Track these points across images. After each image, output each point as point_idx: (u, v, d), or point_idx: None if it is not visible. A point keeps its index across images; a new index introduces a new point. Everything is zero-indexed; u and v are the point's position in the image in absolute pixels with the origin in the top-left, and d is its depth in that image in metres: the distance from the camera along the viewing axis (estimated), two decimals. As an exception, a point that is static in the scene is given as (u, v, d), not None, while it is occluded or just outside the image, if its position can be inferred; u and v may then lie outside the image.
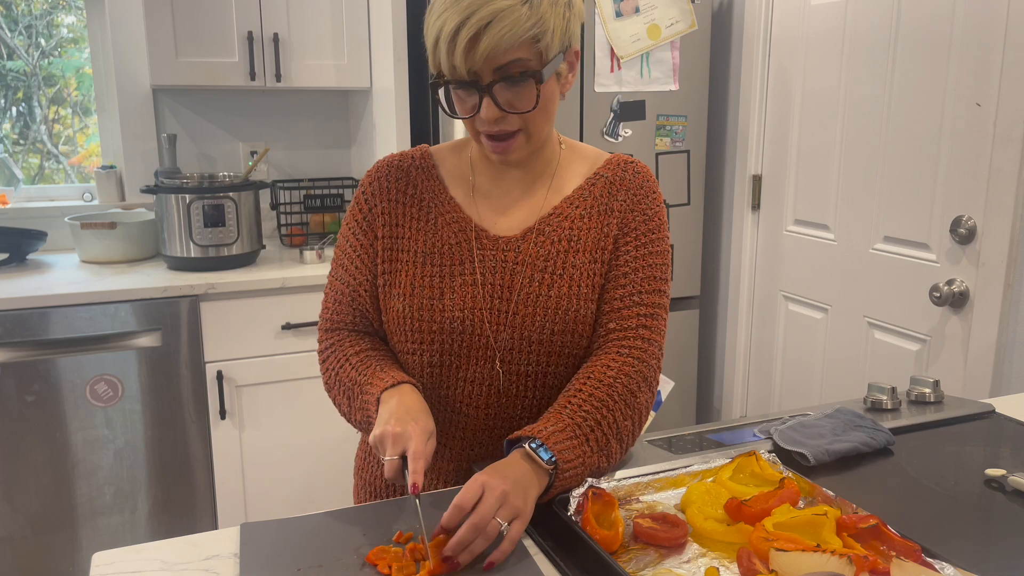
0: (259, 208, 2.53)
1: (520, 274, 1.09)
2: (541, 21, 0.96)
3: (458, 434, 1.13)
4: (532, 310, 1.08)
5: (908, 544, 0.82)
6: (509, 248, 1.10)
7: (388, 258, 1.13)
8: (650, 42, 2.46)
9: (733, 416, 2.75)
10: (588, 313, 1.09)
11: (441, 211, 1.13)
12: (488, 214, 1.13)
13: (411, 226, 1.13)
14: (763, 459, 1.01)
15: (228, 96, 2.83)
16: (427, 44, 0.99)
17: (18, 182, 2.80)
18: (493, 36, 0.94)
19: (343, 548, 0.89)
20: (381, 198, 1.14)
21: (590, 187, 1.13)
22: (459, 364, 1.10)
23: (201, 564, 0.88)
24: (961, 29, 1.84)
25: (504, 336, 1.08)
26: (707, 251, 2.79)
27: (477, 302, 1.08)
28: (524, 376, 1.10)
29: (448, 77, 0.98)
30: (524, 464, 0.94)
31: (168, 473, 2.31)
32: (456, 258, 1.10)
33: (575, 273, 1.09)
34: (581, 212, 1.12)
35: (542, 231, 1.11)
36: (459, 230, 1.11)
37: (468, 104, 1.01)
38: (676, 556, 0.87)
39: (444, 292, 1.09)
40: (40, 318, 2.11)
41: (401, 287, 1.11)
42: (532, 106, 1.01)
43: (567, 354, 1.10)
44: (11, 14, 2.73)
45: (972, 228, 1.85)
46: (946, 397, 1.32)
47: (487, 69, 0.97)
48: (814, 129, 2.31)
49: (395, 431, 0.96)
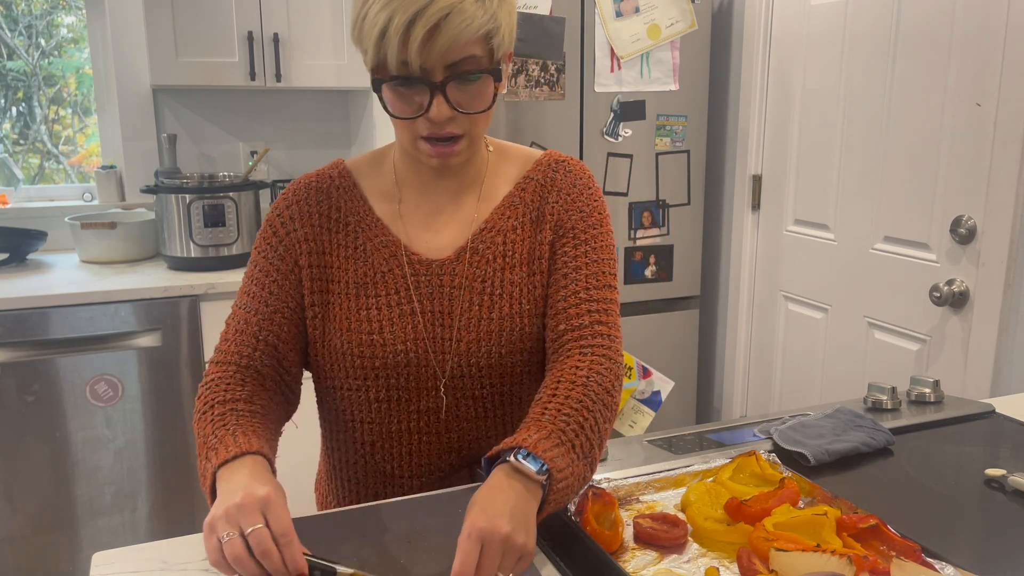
0: (259, 208, 2.53)
1: (458, 298, 1.03)
2: (494, 17, 0.91)
3: (421, 462, 1.07)
4: (476, 335, 1.02)
5: (908, 544, 0.82)
6: (444, 271, 1.04)
7: (317, 288, 1.04)
8: (650, 42, 2.46)
9: (733, 416, 2.75)
10: (534, 329, 1.04)
11: (369, 235, 1.05)
12: (417, 232, 1.06)
13: (339, 253, 1.04)
14: (763, 459, 1.01)
15: (228, 96, 2.83)
16: (366, 37, 0.91)
17: (18, 182, 2.80)
18: (451, 30, 0.87)
19: (341, 548, 0.89)
20: (302, 223, 1.05)
21: (520, 192, 1.07)
22: (407, 397, 1.04)
23: (201, 564, 0.88)
24: (961, 29, 1.84)
25: (451, 364, 1.03)
26: (707, 251, 2.79)
27: (419, 332, 1.02)
28: (478, 400, 1.05)
29: (395, 73, 0.91)
30: (513, 482, 0.82)
31: (168, 473, 2.31)
32: (390, 286, 1.03)
33: (514, 291, 1.04)
34: (513, 223, 1.06)
35: (476, 249, 1.05)
36: (390, 255, 1.04)
37: (414, 104, 0.93)
38: (676, 556, 0.87)
39: (383, 325, 1.02)
40: (40, 318, 2.11)
41: (337, 321, 1.03)
42: (487, 106, 0.95)
43: (518, 372, 1.05)
44: (11, 14, 2.73)
45: (972, 228, 1.85)
46: (946, 397, 1.32)
47: (439, 66, 0.90)
48: (814, 129, 2.31)
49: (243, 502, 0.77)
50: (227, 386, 0.98)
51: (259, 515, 0.77)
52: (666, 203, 2.58)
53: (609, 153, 2.47)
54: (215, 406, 0.95)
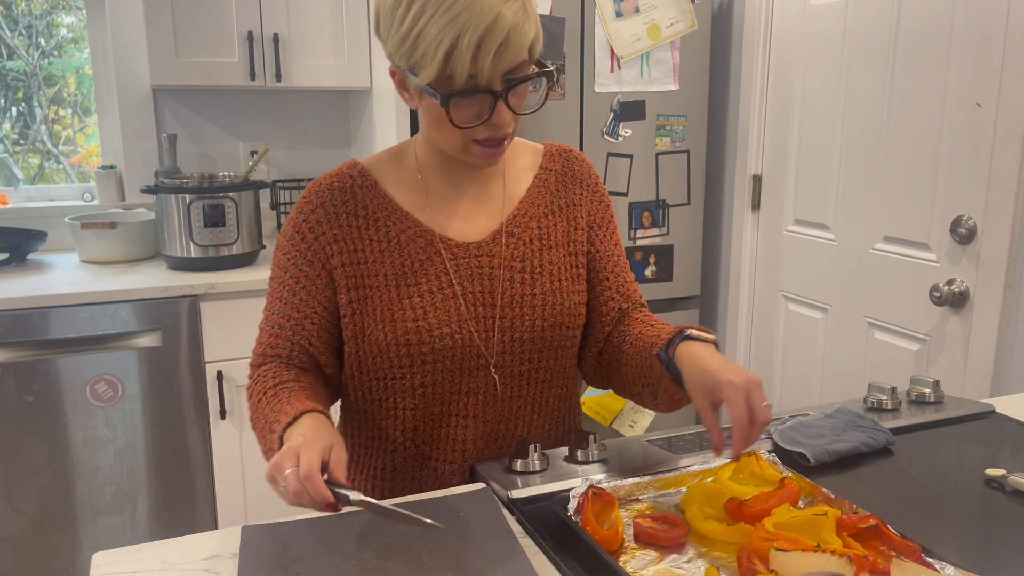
0: (259, 208, 2.53)
1: (499, 278, 1.08)
2: (536, 24, 0.98)
3: (458, 447, 1.11)
4: (519, 311, 1.08)
5: (908, 544, 0.82)
6: (481, 252, 1.09)
7: (352, 286, 1.06)
8: (650, 42, 2.46)
9: (733, 416, 2.74)
10: (572, 304, 1.12)
11: (400, 227, 1.08)
12: (447, 221, 1.10)
13: (372, 248, 1.07)
14: (763, 459, 1.01)
15: (228, 96, 2.83)
16: (427, 54, 0.92)
17: (18, 182, 2.80)
18: (516, 43, 0.93)
19: (343, 552, 0.89)
20: (330, 224, 1.07)
21: (543, 183, 1.15)
22: (453, 379, 1.08)
23: (201, 564, 0.88)
24: (961, 29, 1.84)
25: (495, 341, 1.08)
26: (707, 251, 2.79)
27: (462, 314, 1.06)
28: (518, 376, 1.11)
29: (461, 87, 0.94)
30: (706, 348, 0.98)
31: (168, 473, 2.31)
32: (430, 272, 1.06)
33: (553, 268, 1.11)
34: (544, 210, 1.14)
35: (511, 232, 1.11)
36: (426, 244, 1.07)
37: (473, 112, 0.97)
38: (676, 556, 0.87)
39: (427, 311, 1.05)
40: (40, 318, 2.11)
41: (377, 314, 1.05)
42: (539, 105, 1.02)
43: (555, 347, 1.12)
44: (11, 14, 2.73)
45: (972, 228, 1.85)
46: (946, 397, 1.32)
47: (498, 75, 0.95)
48: (814, 129, 2.31)
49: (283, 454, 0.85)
50: (274, 374, 1.05)
51: (293, 460, 0.84)
52: (666, 203, 2.58)
53: (609, 153, 2.48)
54: (266, 391, 1.02)
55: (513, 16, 0.93)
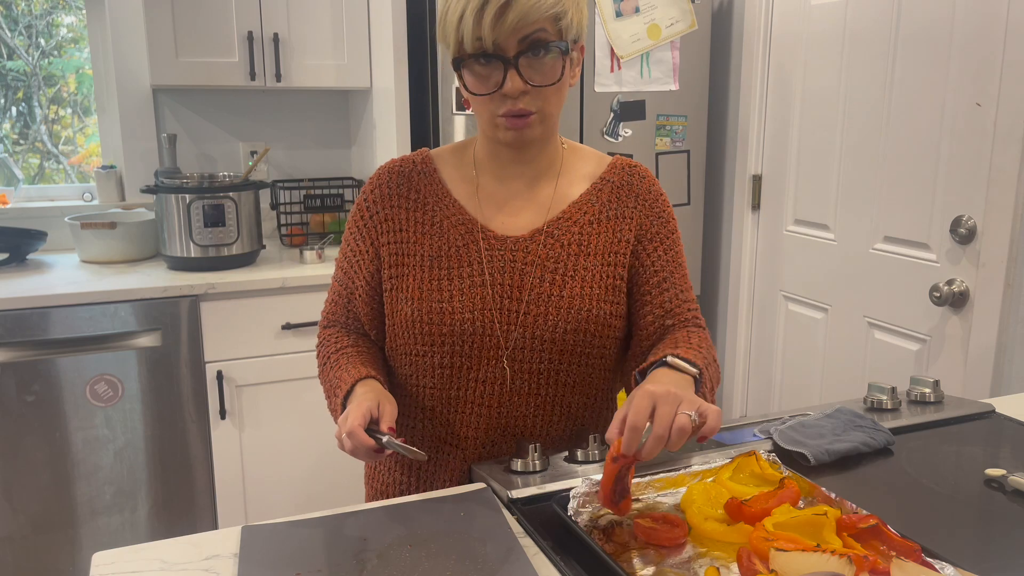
0: (259, 208, 2.53)
1: (530, 274, 1.10)
2: (561, 2, 0.99)
3: (470, 433, 1.13)
4: (544, 309, 1.09)
5: (908, 544, 0.82)
6: (517, 248, 1.11)
7: (394, 263, 1.13)
8: (650, 42, 2.46)
9: (733, 416, 2.75)
10: (601, 314, 1.10)
11: (446, 213, 1.13)
12: (493, 214, 1.13)
13: (416, 230, 1.13)
14: (763, 459, 1.01)
15: (228, 96, 2.83)
16: (447, 25, 1.00)
17: (18, 182, 2.80)
18: (521, 6, 0.96)
19: (343, 552, 0.89)
20: (383, 204, 1.15)
21: (597, 192, 1.15)
22: (469, 365, 1.10)
23: (201, 564, 0.88)
24: (961, 29, 1.84)
25: (515, 335, 1.09)
26: (707, 251, 2.79)
27: (487, 303, 1.09)
28: (536, 374, 1.11)
29: (471, 52, 0.99)
30: (672, 374, 0.96)
31: (168, 473, 2.31)
32: (464, 259, 1.10)
33: (587, 275, 1.11)
34: (590, 218, 1.13)
35: (551, 233, 1.12)
36: (465, 232, 1.11)
37: (491, 81, 1.01)
38: (676, 556, 0.87)
39: (453, 295, 1.09)
40: (40, 318, 2.11)
41: (409, 291, 1.11)
42: (556, 79, 1.02)
43: (579, 352, 1.11)
44: (11, 14, 2.73)
45: (972, 228, 1.85)
46: (946, 397, 1.32)
47: (512, 42, 0.98)
48: (814, 129, 2.31)
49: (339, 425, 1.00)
50: (336, 339, 1.18)
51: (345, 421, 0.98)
52: (666, 203, 2.58)
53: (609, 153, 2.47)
54: (330, 356, 1.16)
55: None
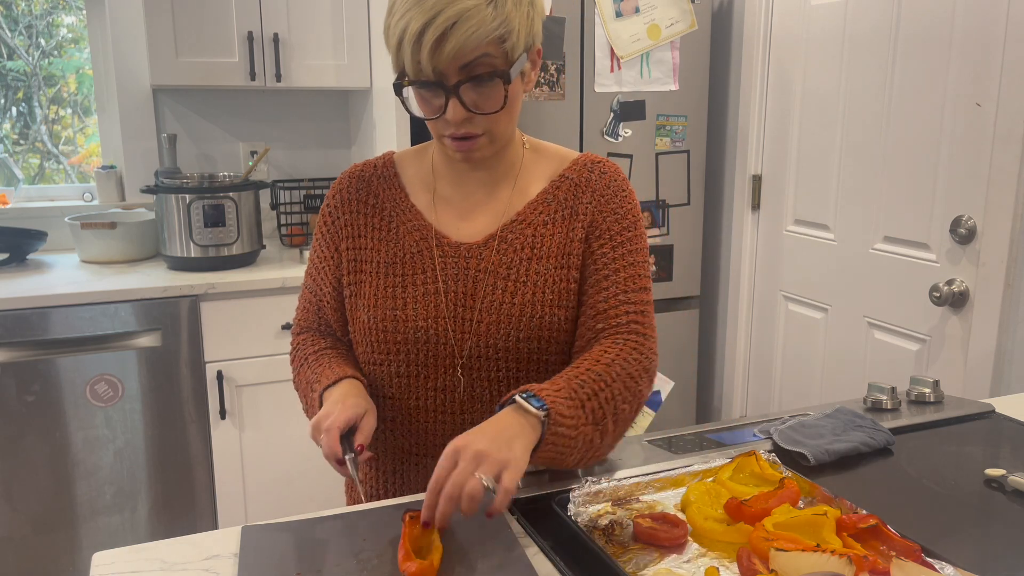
0: (259, 208, 2.53)
1: (483, 282, 1.07)
2: (506, 21, 0.95)
3: (436, 441, 1.10)
4: (496, 318, 1.06)
5: (908, 544, 0.82)
6: (471, 255, 1.08)
7: (353, 269, 1.12)
8: (650, 42, 2.46)
9: (733, 416, 2.75)
10: (555, 320, 1.07)
11: (402, 219, 1.12)
12: (450, 220, 1.11)
13: (373, 236, 1.12)
14: (763, 459, 1.01)
15: (228, 96, 2.83)
16: (389, 45, 0.98)
17: (18, 182, 2.80)
18: (459, 36, 0.92)
19: (343, 552, 0.89)
20: (344, 210, 1.14)
21: (554, 190, 1.11)
22: (426, 374, 1.09)
23: (201, 564, 0.88)
24: (961, 29, 1.84)
25: (469, 344, 1.07)
26: (707, 251, 2.79)
27: (440, 311, 1.07)
28: (494, 382, 1.08)
29: (412, 77, 0.97)
30: (510, 416, 0.91)
31: (168, 473, 2.31)
32: (418, 267, 1.09)
33: (539, 280, 1.07)
34: (544, 218, 1.10)
35: (504, 238, 1.09)
36: (420, 238, 1.10)
37: (434, 105, 0.99)
38: (676, 556, 0.87)
39: (407, 302, 1.08)
40: (40, 318, 2.11)
41: (365, 298, 1.10)
42: (499, 106, 0.99)
43: (535, 360, 1.08)
44: (11, 14, 2.73)
45: (972, 228, 1.85)
46: (946, 397, 1.32)
47: (452, 69, 0.95)
48: (814, 129, 2.31)
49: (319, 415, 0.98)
50: (312, 341, 1.17)
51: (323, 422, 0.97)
52: (666, 203, 2.58)
53: (609, 153, 2.48)
54: (308, 357, 1.14)
55: (469, 6, 0.92)
